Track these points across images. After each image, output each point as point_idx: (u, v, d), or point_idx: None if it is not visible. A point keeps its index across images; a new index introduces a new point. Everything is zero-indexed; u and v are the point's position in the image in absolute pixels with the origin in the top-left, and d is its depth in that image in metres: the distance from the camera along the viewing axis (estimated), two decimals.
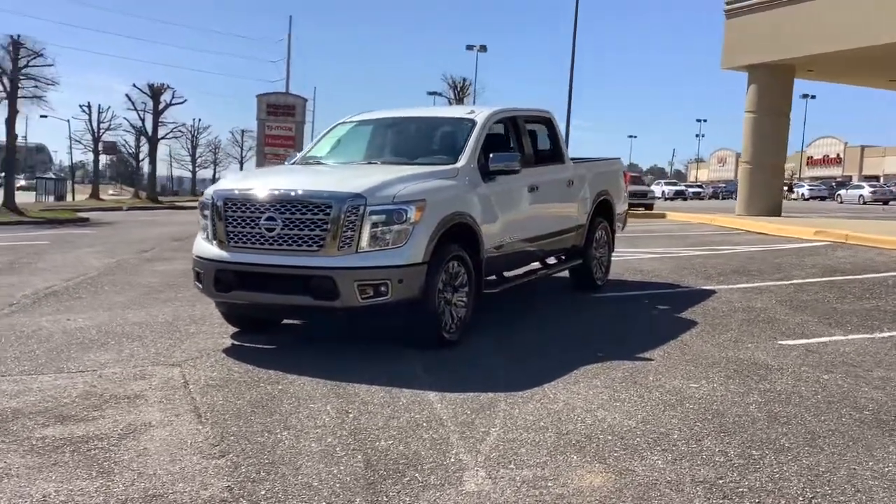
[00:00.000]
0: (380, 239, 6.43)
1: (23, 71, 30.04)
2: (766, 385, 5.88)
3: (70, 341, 7.29)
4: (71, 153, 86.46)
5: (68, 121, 70.09)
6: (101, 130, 65.81)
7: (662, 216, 29.18)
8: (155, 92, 59.26)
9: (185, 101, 65.12)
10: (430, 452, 4.50)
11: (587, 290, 9.94)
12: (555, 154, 9.29)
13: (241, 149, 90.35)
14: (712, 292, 10.01)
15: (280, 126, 62.30)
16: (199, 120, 79.88)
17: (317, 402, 5.43)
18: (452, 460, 4.39)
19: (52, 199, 58.79)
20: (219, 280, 6.81)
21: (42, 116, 55.51)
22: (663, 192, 67.89)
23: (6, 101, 29.72)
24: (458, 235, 7.05)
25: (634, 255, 14.20)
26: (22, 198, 35.47)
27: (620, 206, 10.75)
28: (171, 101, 59.34)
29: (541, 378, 5.99)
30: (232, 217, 6.72)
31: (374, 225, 6.41)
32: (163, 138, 60.81)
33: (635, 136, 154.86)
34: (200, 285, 7.02)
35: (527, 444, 4.63)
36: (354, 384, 5.84)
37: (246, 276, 6.67)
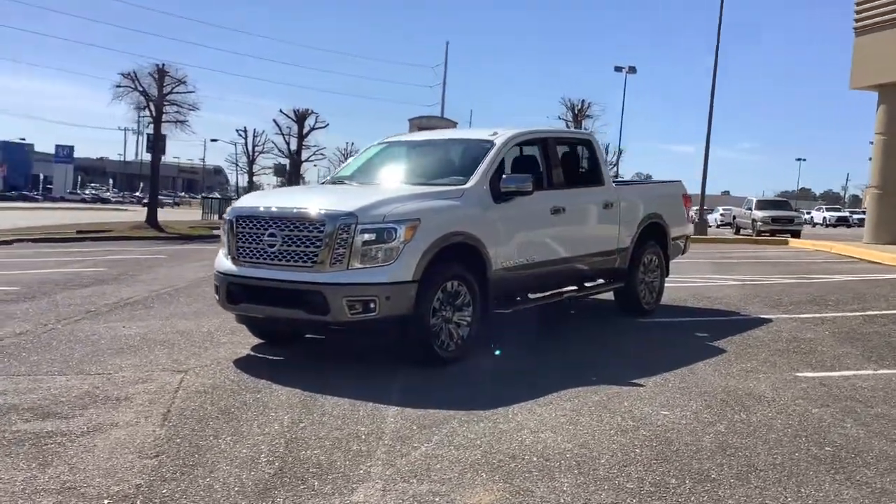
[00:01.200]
0: (370, 256, 6.62)
1: (167, 97, 32.13)
2: (742, 416, 5.66)
3: (110, 346, 7.83)
4: (237, 174, 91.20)
5: (235, 144, 74.20)
6: (256, 153, 69.24)
7: (785, 242, 27.96)
8: (300, 117, 62.07)
9: (328, 125, 67.41)
10: (346, 463, 4.62)
11: (633, 314, 9.75)
12: (593, 176, 9.21)
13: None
14: (768, 321, 9.61)
15: None
16: (352, 143, 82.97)
17: (279, 412, 5.64)
18: (361, 472, 4.49)
19: (216, 216, 62.26)
20: (230, 293, 7.18)
21: (213, 140, 59.14)
22: (824, 218, 64.66)
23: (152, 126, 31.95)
24: (460, 255, 7.14)
25: (715, 281, 13.77)
26: (188, 216, 37.63)
27: (677, 230, 10.48)
28: (314, 125, 62.07)
29: (516, 398, 5.98)
30: (241, 233, 7.09)
31: (365, 243, 6.60)
32: (306, 160, 63.53)
33: (804, 159, 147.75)
34: (217, 297, 7.41)
35: (446, 461, 4.67)
36: (329, 396, 6.02)
37: (252, 290, 7.02)
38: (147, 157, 33.32)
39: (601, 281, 9.51)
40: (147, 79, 31.87)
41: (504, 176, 7.64)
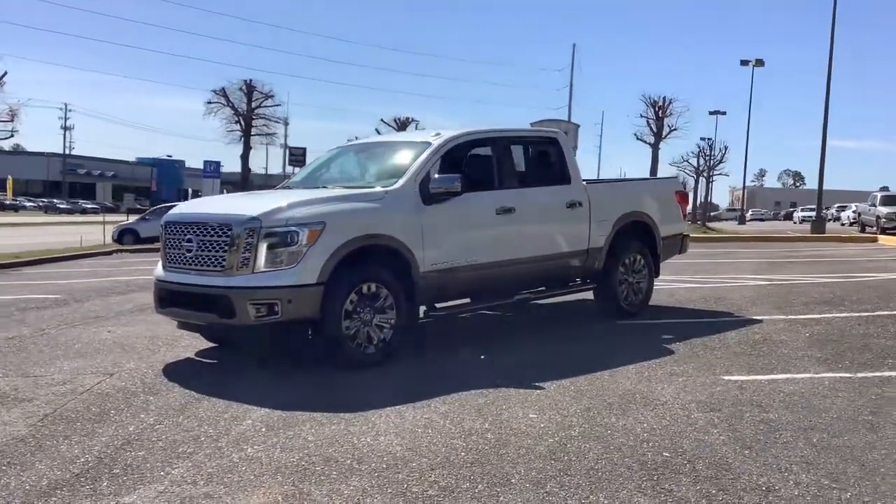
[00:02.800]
0: (274, 260, 6.67)
1: (255, 111, 33.33)
2: (609, 420, 5.40)
3: (81, 350, 8.12)
4: None
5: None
6: None
7: (874, 240, 26.36)
8: (401, 126, 63.14)
9: (438, 133, 68.27)
10: (157, 465, 4.67)
11: (613, 315, 9.42)
12: (558, 175, 8.96)
13: None
14: (756, 322, 9.13)
15: None
16: None
17: (150, 414, 5.76)
18: (162, 473, 4.53)
19: None
20: (160, 297, 7.39)
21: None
22: None
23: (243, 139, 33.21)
24: (378, 257, 7.10)
25: (743, 281, 13.17)
26: None
27: (668, 229, 10.06)
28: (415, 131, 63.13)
29: (398, 401, 5.90)
30: (168, 239, 7.28)
31: (270, 247, 6.66)
32: None
33: None
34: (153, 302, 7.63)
35: (255, 463, 4.66)
36: (214, 399, 6.11)
37: (175, 294, 7.19)
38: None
39: (580, 281, 9.23)
40: (237, 94, 33.14)
41: (435, 176, 7.52)
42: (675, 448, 4.82)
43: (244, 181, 35.27)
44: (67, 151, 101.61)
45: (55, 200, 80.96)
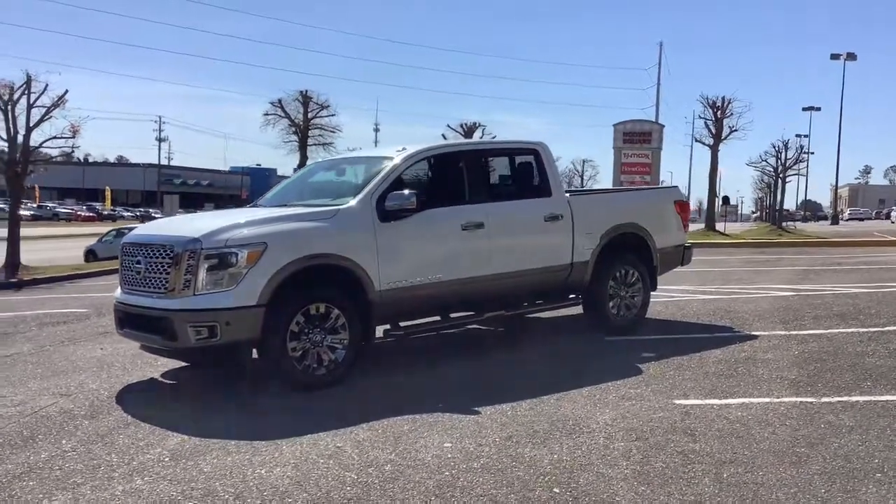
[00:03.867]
0: (215, 282, 6.62)
1: (311, 121, 33.72)
2: (524, 450, 5.18)
3: (62, 368, 8.23)
4: None
5: None
6: None
7: None
8: (468, 131, 63.12)
9: (494, 136, 68.04)
10: (38, 496, 4.65)
11: (604, 331, 9.09)
12: (537, 188, 8.70)
13: (582, 178, 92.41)
14: (749, 339, 8.71)
15: (636, 153, 62.30)
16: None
17: (72, 439, 5.75)
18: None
19: None
20: (118, 319, 7.43)
21: None
22: None
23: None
24: (328, 277, 7.00)
25: (764, 293, 12.61)
26: None
27: (666, 240, 9.67)
28: (482, 137, 62.88)
29: (328, 427, 5.79)
30: (123, 260, 7.32)
31: (210, 269, 6.61)
32: None
33: None
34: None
35: (135, 497, 4.60)
36: (144, 424, 6.09)
37: (128, 316, 7.22)
38: None
39: (571, 297, 8.97)
40: (293, 105, 33.60)
41: (390, 194, 7.37)
42: (570, 483, 4.55)
43: None
44: (167, 162, 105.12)
45: (151, 210, 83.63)
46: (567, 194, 8.96)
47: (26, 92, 30.35)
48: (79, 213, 78.60)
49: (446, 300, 7.88)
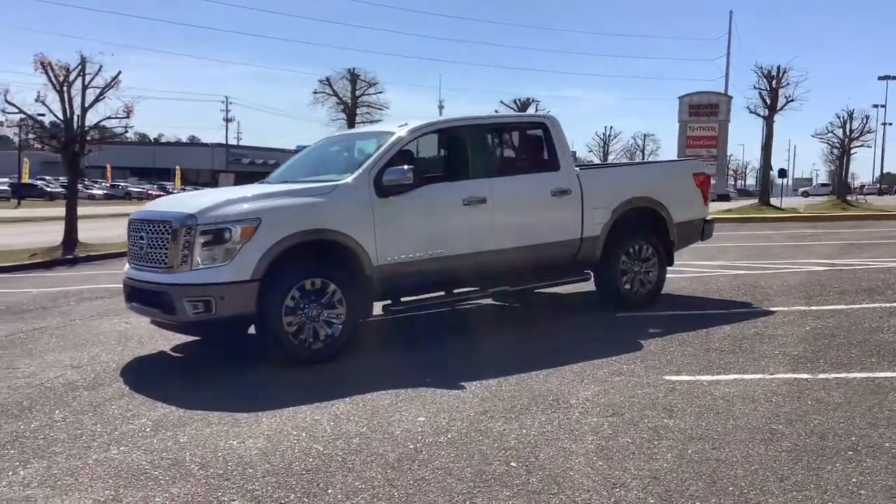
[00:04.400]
0: (211, 257, 6.72)
1: (359, 99, 33.89)
2: (495, 425, 5.17)
3: (82, 342, 8.40)
4: None
5: None
6: None
7: None
8: (522, 106, 62.75)
9: (549, 111, 67.48)
10: (14, 464, 4.79)
11: (616, 307, 8.99)
12: (544, 162, 8.60)
13: (643, 153, 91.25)
14: (767, 315, 8.53)
15: (702, 126, 61.13)
16: (611, 127, 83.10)
17: (65, 410, 5.90)
18: (10, 473, 4.65)
19: None
20: (126, 293, 7.60)
21: None
22: None
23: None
24: (324, 252, 7.05)
25: (792, 267, 12.32)
26: None
27: (684, 214, 9.49)
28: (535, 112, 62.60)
29: (312, 399, 5.86)
30: (129, 236, 7.48)
31: (205, 244, 6.71)
32: None
33: None
34: None
35: (106, 466, 4.70)
36: (138, 395, 6.24)
37: (133, 290, 7.38)
38: None
39: (565, 274, 8.86)
40: (341, 83, 33.81)
41: (388, 169, 7.37)
42: (529, 457, 4.53)
43: None
44: (236, 142, 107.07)
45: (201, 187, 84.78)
46: (577, 168, 8.81)
47: (81, 74, 31.08)
48: (150, 192, 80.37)
49: (448, 275, 7.86)
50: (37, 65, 29.21)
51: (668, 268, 9.41)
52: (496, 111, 56.67)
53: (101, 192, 73.06)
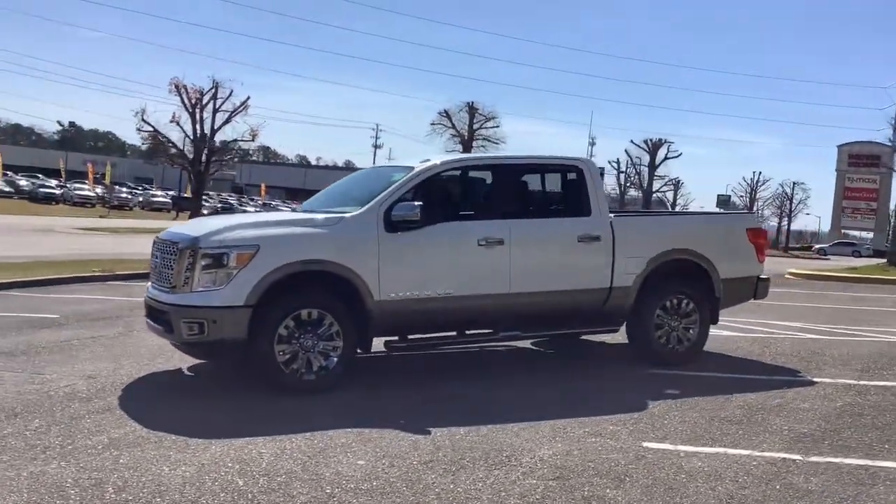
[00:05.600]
0: (209, 280, 6.84)
1: (476, 132, 34.14)
2: (421, 477, 4.98)
3: (122, 353, 8.60)
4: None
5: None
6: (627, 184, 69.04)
7: None
8: (654, 146, 61.64)
9: (680, 154, 65.94)
10: None
11: (649, 363, 8.58)
12: (574, 206, 8.34)
13: (791, 202, 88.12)
14: (806, 385, 7.97)
15: (862, 178, 58.21)
16: (760, 173, 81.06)
17: (41, 419, 6.09)
18: None
19: None
20: (146, 310, 7.84)
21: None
22: None
23: None
24: (323, 283, 7.07)
25: (872, 335, 11.40)
26: None
27: (733, 270, 8.98)
28: (666, 155, 61.23)
29: (274, 431, 5.85)
30: (152, 255, 7.72)
31: (205, 267, 6.85)
32: (657, 191, 62.67)
33: None
34: None
35: (31, 481, 4.82)
36: (121, 413, 6.37)
37: (149, 308, 7.60)
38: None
39: (591, 322, 8.55)
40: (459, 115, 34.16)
41: (399, 204, 7.33)
42: None
43: None
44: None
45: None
46: (611, 215, 8.48)
47: (213, 97, 32.73)
48: (279, 208, 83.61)
49: (458, 316, 7.71)
50: (171, 87, 31.14)
51: (729, 325, 8.87)
52: (625, 151, 55.15)
53: (254, 209, 76.36)
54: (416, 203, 7.26)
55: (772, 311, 14.44)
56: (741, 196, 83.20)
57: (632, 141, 55.05)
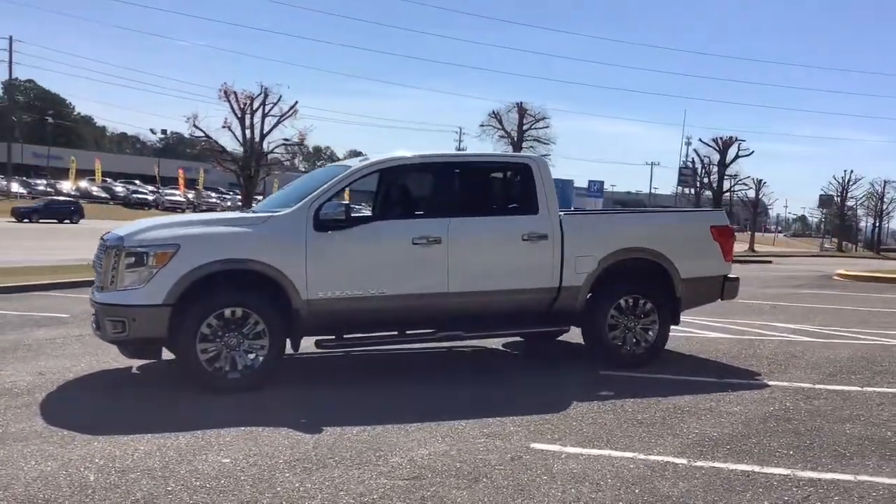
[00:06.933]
0: (132, 279, 6.98)
1: (526, 133, 33.95)
2: (272, 475, 4.99)
3: (91, 350, 8.86)
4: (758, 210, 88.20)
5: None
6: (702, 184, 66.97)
7: None
8: (724, 144, 60.02)
9: (752, 152, 63.93)
10: None
11: (604, 364, 8.40)
12: (523, 205, 8.21)
13: (882, 201, 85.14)
14: (753, 387, 7.72)
15: None
16: (851, 171, 78.91)
17: None
18: None
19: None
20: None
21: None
22: None
23: None
24: (248, 282, 7.12)
25: (867, 339, 10.93)
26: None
27: (696, 270, 8.72)
28: (737, 153, 59.55)
29: (175, 428, 5.92)
30: (95, 256, 7.91)
31: (128, 266, 6.98)
32: (727, 191, 60.88)
33: None
34: None
35: None
36: (47, 409, 6.54)
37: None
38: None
39: (537, 322, 8.41)
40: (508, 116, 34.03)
41: (325, 203, 7.34)
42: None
43: None
44: None
45: None
46: (561, 213, 8.32)
47: (262, 103, 33.35)
48: None
49: (392, 316, 7.66)
50: (221, 94, 31.84)
51: (722, 327, 8.60)
52: (695, 151, 53.70)
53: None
54: (343, 203, 7.25)
55: (785, 313, 14.02)
56: (833, 196, 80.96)
57: (700, 139, 53.36)
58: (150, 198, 67.89)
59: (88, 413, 6.43)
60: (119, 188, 72.55)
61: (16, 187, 67.08)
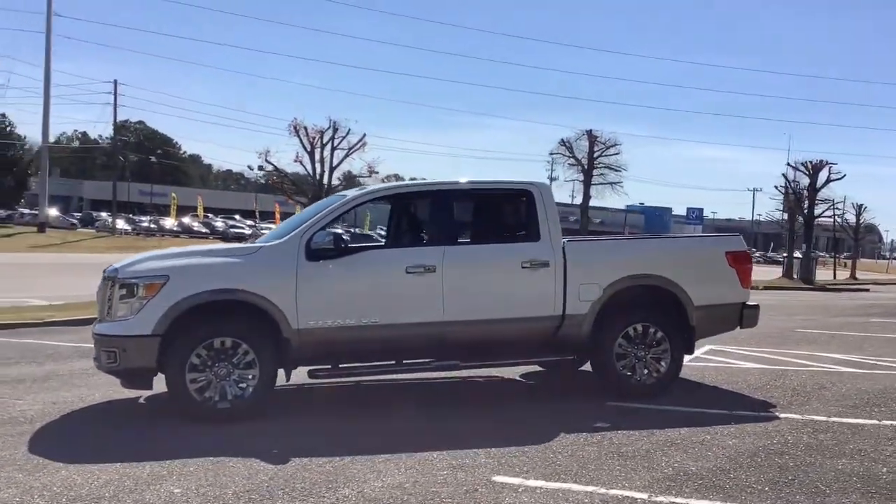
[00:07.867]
0: (125, 310, 7.14)
1: (597, 160, 33.59)
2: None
3: (96, 381, 8.92)
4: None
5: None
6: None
7: None
8: (814, 169, 57.90)
9: (844, 175, 61.33)
10: None
11: (614, 394, 8.17)
12: (524, 231, 8.10)
13: None
14: (758, 420, 7.40)
15: None
16: None
17: None
18: None
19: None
20: None
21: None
22: None
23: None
24: (239, 312, 7.20)
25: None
26: None
27: (709, 297, 8.41)
28: (828, 177, 57.34)
29: (142, 458, 5.98)
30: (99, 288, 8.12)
31: (121, 297, 7.16)
32: (818, 216, 58.65)
33: None
34: None
35: None
36: (36, 436, 6.73)
37: None
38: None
39: (542, 352, 8.24)
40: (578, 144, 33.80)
41: (315, 234, 7.39)
42: None
43: (582, 229, 35.67)
44: (569, 200, 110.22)
45: None
46: (565, 239, 8.15)
47: (332, 137, 34.10)
48: None
49: (385, 345, 7.61)
50: (291, 129, 32.66)
51: (759, 357, 8.28)
52: (784, 176, 51.73)
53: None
54: (333, 231, 7.28)
55: (839, 342, 13.42)
56: None
57: (788, 163, 51.53)
58: (248, 231, 69.67)
59: (75, 442, 6.56)
60: (219, 223, 74.86)
61: (121, 224, 69.86)
